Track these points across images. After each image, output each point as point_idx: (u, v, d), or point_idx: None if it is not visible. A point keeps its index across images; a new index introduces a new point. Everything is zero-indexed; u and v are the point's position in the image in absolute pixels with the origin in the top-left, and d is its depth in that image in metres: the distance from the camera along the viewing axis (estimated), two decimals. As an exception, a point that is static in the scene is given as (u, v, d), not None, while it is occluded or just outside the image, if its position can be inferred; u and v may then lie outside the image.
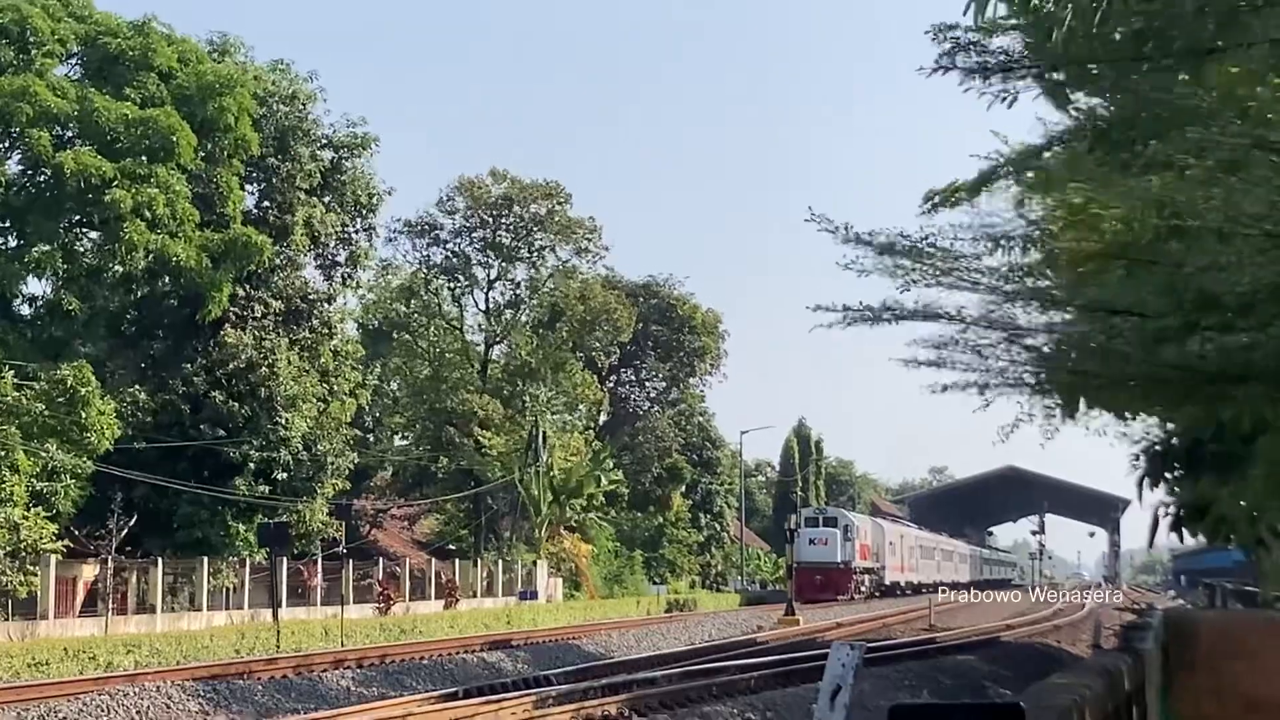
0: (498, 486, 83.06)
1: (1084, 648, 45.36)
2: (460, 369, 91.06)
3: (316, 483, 63.87)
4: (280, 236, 65.78)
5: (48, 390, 51.04)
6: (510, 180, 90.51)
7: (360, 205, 72.99)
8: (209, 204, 61.96)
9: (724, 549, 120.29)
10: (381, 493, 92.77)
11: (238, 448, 60.23)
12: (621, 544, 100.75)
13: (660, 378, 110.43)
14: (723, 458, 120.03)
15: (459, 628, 58.44)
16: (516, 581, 78.57)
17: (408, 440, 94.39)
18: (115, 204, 56.05)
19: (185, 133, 58.68)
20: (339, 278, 74.55)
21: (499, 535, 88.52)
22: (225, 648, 45.02)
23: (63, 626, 46.41)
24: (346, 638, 50.38)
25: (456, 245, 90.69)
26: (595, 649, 50.18)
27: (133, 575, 53.87)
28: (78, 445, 51.08)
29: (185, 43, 64.03)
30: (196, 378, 61.25)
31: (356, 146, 72.62)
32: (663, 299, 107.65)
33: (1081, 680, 12.30)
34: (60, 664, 38.17)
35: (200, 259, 59.34)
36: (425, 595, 69.25)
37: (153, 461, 57.19)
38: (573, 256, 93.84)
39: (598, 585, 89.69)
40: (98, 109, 57.41)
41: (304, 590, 60.32)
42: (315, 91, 70.72)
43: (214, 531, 59.40)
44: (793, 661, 37.51)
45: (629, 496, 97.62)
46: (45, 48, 59.10)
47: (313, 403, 64.39)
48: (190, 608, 54.70)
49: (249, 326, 63.80)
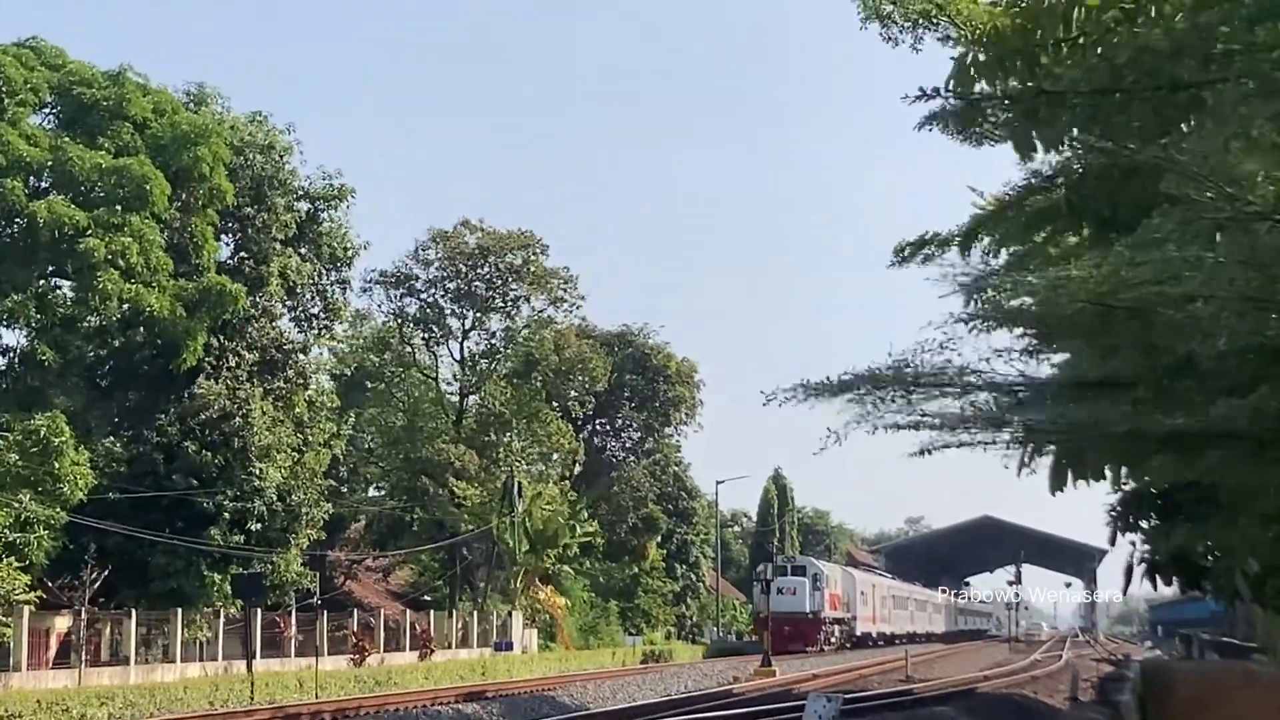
0: (473, 537, 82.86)
1: (1061, 699, 45.19)
2: (435, 419, 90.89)
3: (291, 533, 63.64)
4: (255, 287, 65.75)
5: (21, 441, 50.89)
6: (484, 231, 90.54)
7: (336, 257, 73.03)
8: (183, 254, 61.95)
9: (699, 599, 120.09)
10: (356, 543, 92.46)
11: (212, 498, 59.98)
12: (597, 594, 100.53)
13: (635, 427, 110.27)
14: (699, 508, 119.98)
15: (434, 679, 58.15)
16: (492, 632, 78.29)
17: (383, 490, 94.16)
18: (89, 253, 55.99)
19: (159, 182, 58.67)
20: (314, 329, 74.54)
21: (474, 586, 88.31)
22: (199, 699, 44.75)
23: (36, 678, 46.11)
24: (321, 689, 50.09)
25: (431, 295, 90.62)
26: (571, 700, 49.93)
27: (106, 626, 53.63)
28: (51, 496, 50.91)
29: (160, 93, 64.10)
30: (170, 428, 61.03)
31: (333, 198, 72.74)
32: (638, 348, 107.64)
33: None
34: (33, 716, 37.90)
35: (174, 308, 59.28)
36: (400, 646, 68.95)
37: (127, 512, 56.95)
38: (548, 306, 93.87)
39: (573, 636, 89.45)
40: (71, 158, 57.41)
41: (278, 641, 60.03)
42: (292, 143, 70.89)
43: (188, 582, 59.06)
44: (770, 713, 37.33)
45: (604, 546, 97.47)
46: (19, 96, 59.14)
47: (287, 453, 64.22)
48: (164, 659, 54.39)
49: (223, 376, 63.66)
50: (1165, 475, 24.23)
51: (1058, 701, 45.84)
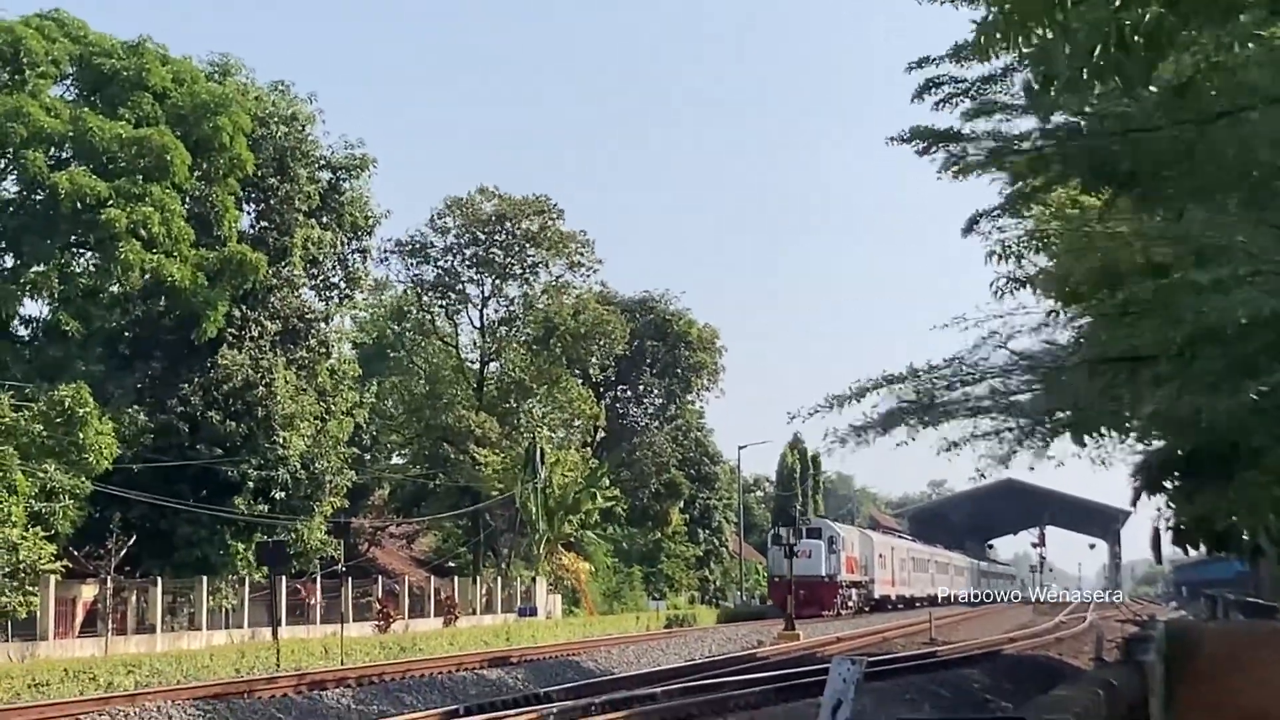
0: (496, 503, 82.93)
1: (1086, 660, 45.23)
2: (456, 386, 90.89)
3: (315, 501, 63.80)
4: (278, 257, 65.76)
5: (45, 411, 51.00)
6: (500, 198, 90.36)
7: (357, 226, 73.03)
8: (205, 224, 61.96)
9: (723, 564, 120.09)
10: (380, 511, 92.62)
11: (236, 467, 60.15)
12: (620, 560, 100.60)
13: (657, 394, 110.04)
14: (721, 473, 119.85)
15: (458, 645, 58.33)
16: (515, 598, 78.44)
17: (405, 458, 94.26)
18: (110, 224, 56.04)
19: (180, 152, 58.66)
20: (336, 298, 74.60)
21: (497, 552, 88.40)
22: (225, 667, 44.97)
23: (62, 647, 46.35)
24: (346, 656, 50.31)
25: (448, 263, 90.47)
26: (595, 666, 50.09)
27: (132, 595, 53.85)
28: (76, 466, 51.04)
29: (180, 63, 64.04)
30: (194, 397, 61.14)
31: (355, 167, 72.69)
32: (658, 314, 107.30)
33: (1083, 693, 12.27)
34: (61, 685, 38.08)
35: (196, 278, 59.34)
36: (424, 613, 69.14)
37: (151, 481, 57.13)
38: (566, 271, 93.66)
39: (597, 601, 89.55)
40: (92, 129, 57.39)
41: (303, 609, 60.23)
42: (314, 113, 70.88)
43: (213, 551, 59.30)
44: (793, 677, 37.42)
45: (627, 512, 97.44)
46: (39, 68, 59.15)
47: (310, 422, 64.33)
48: (190, 627, 54.64)
49: (245, 346, 63.68)
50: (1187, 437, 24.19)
51: (1082, 662, 45.91)
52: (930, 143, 18.86)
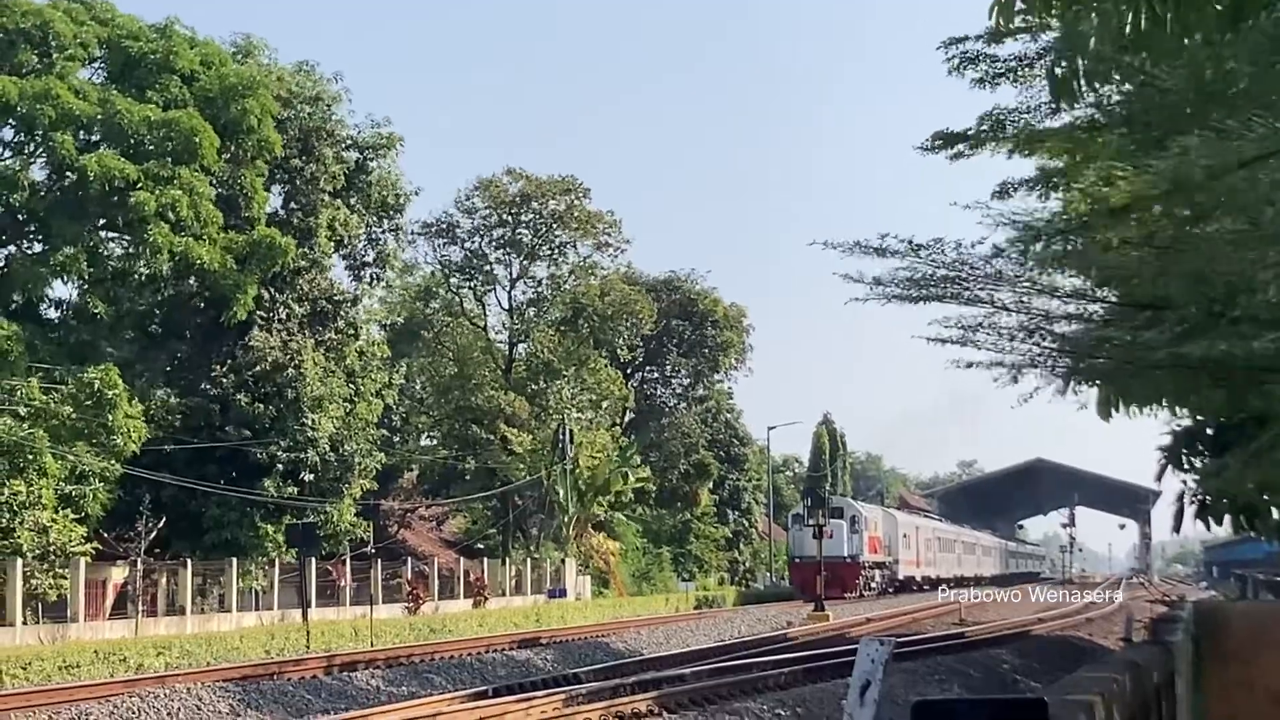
0: (524, 485, 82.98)
1: (1115, 641, 45.09)
2: (484, 368, 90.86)
3: (344, 483, 63.95)
4: (305, 238, 65.84)
5: (75, 393, 51.18)
6: (527, 178, 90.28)
7: (385, 206, 73.05)
8: (233, 206, 62.06)
9: (752, 545, 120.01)
10: (409, 492, 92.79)
11: (265, 449, 60.33)
12: (649, 541, 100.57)
13: (685, 374, 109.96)
14: (750, 454, 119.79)
15: (488, 626, 58.41)
16: (545, 580, 78.50)
17: (434, 440, 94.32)
18: (139, 206, 56.13)
19: (208, 134, 58.71)
20: (365, 278, 74.68)
21: (527, 533, 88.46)
22: (255, 648, 45.05)
23: (93, 629, 46.54)
24: (376, 637, 50.38)
25: (475, 244, 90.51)
26: (624, 647, 50.09)
27: (162, 577, 54.02)
28: (105, 448, 51.25)
29: (208, 45, 64.08)
30: (223, 380, 61.34)
31: (381, 147, 72.70)
32: (685, 294, 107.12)
33: (1109, 674, 12.22)
34: (91, 666, 38.21)
35: (224, 261, 59.43)
36: (454, 594, 69.27)
37: (181, 463, 57.39)
38: (593, 251, 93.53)
39: (626, 582, 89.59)
40: (120, 111, 57.47)
41: (333, 590, 60.36)
42: (340, 92, 70.89)
43: (243, 532, 59.48)
44: (822, 657, 37.39)
45: (656, 493, 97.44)
46: (67, 51, 59.22)
47: (339, 403, 64.43)
48: (220, 609, 54.84)
49: (274, 328, 63.82)
50: (1215, 410, 24.02)
51: (1111, 643, 45.79)
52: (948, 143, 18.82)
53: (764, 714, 29.57)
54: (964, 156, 19.00)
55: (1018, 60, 17.47)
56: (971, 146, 18.77)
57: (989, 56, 17.44)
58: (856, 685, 9.38)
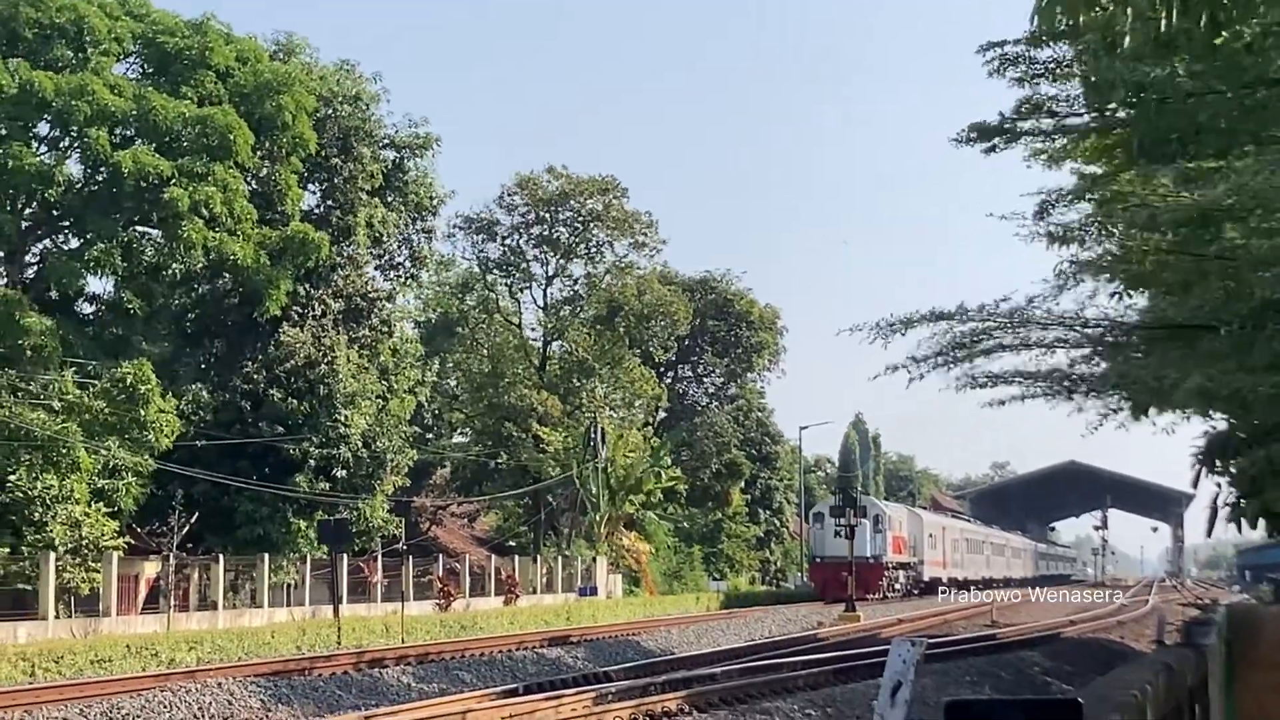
0: (556, 483, 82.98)
1: (1147, 644, 44.95)
2: (518, 365, 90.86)
3: (376, 480, 64.02)
4: (342, 236, 65.98)
5: (109, 388, 51.37)
6: (566, 177, 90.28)
7: (421, 205, 73.15)
8: (268, 202, 62.20)
9: (784, 545, 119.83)
10: (441, 489, 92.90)
11: (298, 445, 60.43)
12: (680, 540, 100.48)
13: (718, 373, 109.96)
14: (782, 453, 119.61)
15: (519, 624, 58.37)
16: (576, 578, 78.43)
17: (467, 437, 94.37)
18: (173, 202, 56.23)
19: (243, 131, 58.79)
20: (400, 277, 74.82)
21: (558, 531, 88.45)
22: (286, 644, 45.10)
23: (125, 623, 46.64)
24: (407, 634, 50.41)
25: (514, 241, 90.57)
26: (655, 645, 50.09)
27: (194, 572, 54.15)
28: (138, 443, 51.43)
29: (243, 41, 64.17)
30: (256, 375, 61.46)
31: (419, 147, 72.79)
32: (720, 294, 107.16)
33: (1142, 676, 12.15)
34: (123, 661, 38.29)
35: (258, 257, 59.51)
36: (485, 591, 69.32)
37: (213, 459, 57.48)
38: (630, 251, 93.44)
39: (657, 581, 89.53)
40: (155, 108, 57.58)
41: (364, 587, 60.47)
42: (379, 92, 70.95)
43: (275, 528, 59.60)
44: (853, 658, 37.32)
45: (688, 492, 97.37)
46: (102, 47, 59.33)
47: (372, 400, 64.49)
48: (251, 604, 54.98)
49: (308, 325, 63.90)
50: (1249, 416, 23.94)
51: (1143, 646, 45.65)
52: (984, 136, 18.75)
53: (794, 714, 29.55)
54: (997, 150, 18.95)
55: (1056, 63, 17.43)
56: (1007, 140, 18.72)
57: (1030, 58, 17.40)
58: (888, 686, 9.34)
